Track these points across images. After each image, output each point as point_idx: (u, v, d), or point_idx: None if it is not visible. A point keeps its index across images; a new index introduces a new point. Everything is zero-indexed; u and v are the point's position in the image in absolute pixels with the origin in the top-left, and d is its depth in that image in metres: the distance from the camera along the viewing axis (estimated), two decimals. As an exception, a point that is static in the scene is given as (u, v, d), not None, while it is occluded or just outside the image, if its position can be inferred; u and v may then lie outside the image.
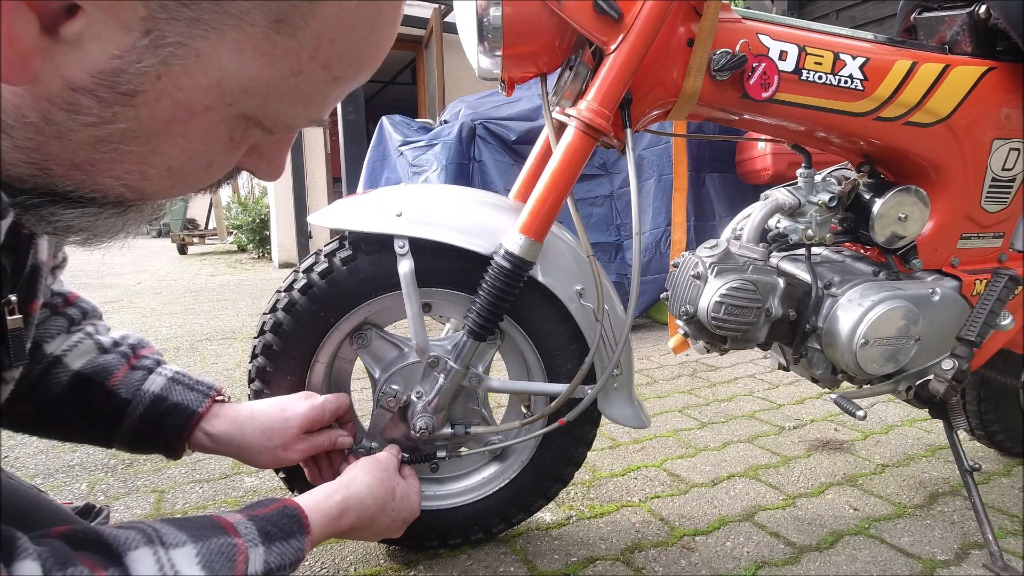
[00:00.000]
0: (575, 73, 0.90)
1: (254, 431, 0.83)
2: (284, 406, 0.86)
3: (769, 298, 0.99)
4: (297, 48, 0.36)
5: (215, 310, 3.63)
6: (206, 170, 0.42)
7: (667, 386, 2.05)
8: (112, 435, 0.78)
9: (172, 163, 0.39)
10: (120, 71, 0.33)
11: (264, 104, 0.38)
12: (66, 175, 0.37)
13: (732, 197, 2.92)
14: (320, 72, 0.38)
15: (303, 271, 0.94)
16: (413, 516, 0.87)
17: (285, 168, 0.47)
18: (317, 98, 0.40)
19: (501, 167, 2.77)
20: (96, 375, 0.76)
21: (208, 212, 9.30)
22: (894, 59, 0.96)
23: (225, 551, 0.55)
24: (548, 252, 0.92)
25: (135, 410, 0.77)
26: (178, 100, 0.36)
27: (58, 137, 0.35)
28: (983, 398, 1.35)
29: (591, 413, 0.99)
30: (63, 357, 0.75)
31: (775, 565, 1.03)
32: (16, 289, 0.56)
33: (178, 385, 0.81)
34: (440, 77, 5.67)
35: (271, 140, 0.45)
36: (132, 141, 0.36)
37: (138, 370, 0.80)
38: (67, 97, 0.34)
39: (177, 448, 0.80)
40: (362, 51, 0.40)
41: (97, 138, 0.36)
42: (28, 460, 1.46)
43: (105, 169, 0.37)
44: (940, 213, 1.04)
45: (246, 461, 0.85)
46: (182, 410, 0.79)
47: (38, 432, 0.78)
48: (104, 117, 0.35)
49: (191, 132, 0.38)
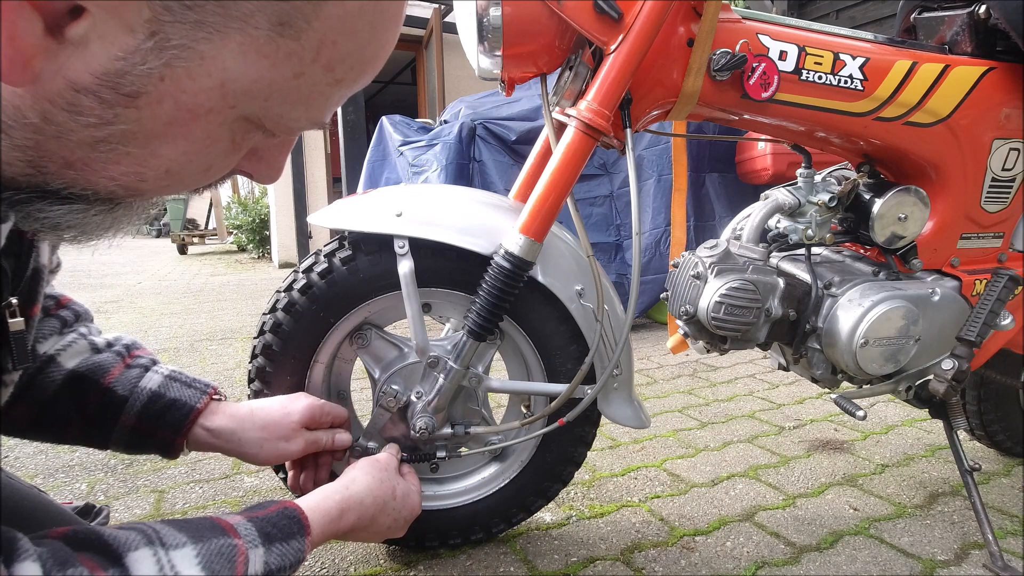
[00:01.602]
0: (575, 73, 0.90)
1: (254, 426, 0.83)
2: (284, 402, 0.87)
3: (769, 298, 0.99)
4: (300, 50, 0.36)
5: (215, 310, 3.63)
6: (205, 172, 0.42)
7: (667, 386, 2.05)
8: (109, 434, 0.78)
9: (171, 165, 0.39)
10: (124, 72, 0.33)
11: (266, 106, 0.38)
12: (58, 173, 0.37)
13: (732, 197, 2.92)
14: (322, 74, 0.38)
15: (303, 271, 0.94)
16: (414, 515, 0.87)
17: (283, 171, 0.48)
18: (319, 100, 0.40)
19: (501, 167, 2.77)
20: (91, 373, 0.76)
21: (208, 212, 9.30)
22: (894, 59, 0.96)
23: (225, 552, 0.55)
24: (548, 252, 0.92)
25: (132, 407, 0.77)
26: (181, 102, 0.36)
27: (57, 137, 0.35)
28: (983, 398, 1.35)
29: (591, 413, 1.00)
30: (57, 356, 0.75)
31: (775, 565, 1.03)
32: (17, 292, 0.56)
33: (175, 382, 0.81)
34: (440, 77, 5.67)
35: (271, 143, 0.45)
36: (131, 142, 0.36)
37: (134, 368, 0.79)
38: (69, 98, 0.34)
39: (176, 445, 0.80)
40: (364, 53, 0.40)
41: (96, 138, 0.36)
42: (28, 460, 1.46)
43: (100, 169, 0.37)
44: (940, 213, 1.04)
45: (246, 458, 0.84)
46: (180, 406, 0.79)
47: (34, 435, 0.77)
48: (105, 118, 0.35)
49: (192, 134, 0.38)
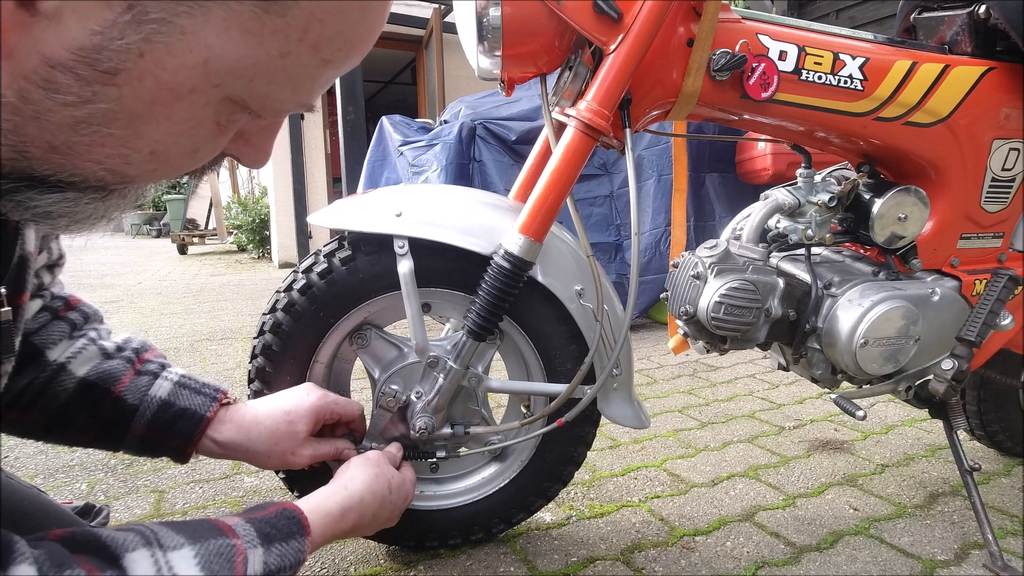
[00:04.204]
0: (575, 73, 0.90)
1: (260, 436, 0.82)
2: (288, 409, 0.85)
3: (769, 298, 0.99)
4: (286, 28, 0.35)
5: (215, 310, 3.62)
6: (192, 155, 0.40)
7: (667, 386, 2.05)
8: (120, 441, 0.78)
9: (156, 147, 0.38)
10: (101, 48, 0.32)
11: (251, 86, 0.37)
12: (44, 158, 0.36)
13: (732, 197, 2.92)
14: (309, 54, 0.37)
15: (302, 271, 0.94)
16: (408, 503, 0.89)
17: (271, 156, 0.46)
18: (306, 81, 0.39)
19: (501, 167, 2.77)
20: (102, 381, 0.76)
21: (208, 212, 9.29)
22: (894, 59, 0.96)
23: (224, 552, 0.55)
24: (548, 252, 0.92)
25: (142, 416, 0.77)
26: (162, 80, 0.34)
27: (35, 118, 0.34)
28: (983, 398, 1.35)
29: (591, 413, 1.00)
30: (67, 364, 0.75)
31: (775, 565, 1.03)
32: (3, 282, 0.55)
33: (184, 389, 0.80)
34: (440, 77, 5.67)
35: (259, 125, 0.44)
36: (113, 123, 0.35)
37: (144, 375, 0.79)
38: (44, 74, 0.32)
39: (187, 453, 0.80)
40: (353, 34, 0.39)
41: (76, 119, 0.34)
42: (28, 460, 1.46)
43: (85, 152, 0.36)
44: (940, 213, 1.04)
45: (253, 464, 0.85)
46: (190, 415, 0.79)
47: (48, 439, 0.77)
48: (84, 96, 0.33)
49: (175, 114, 0.36)
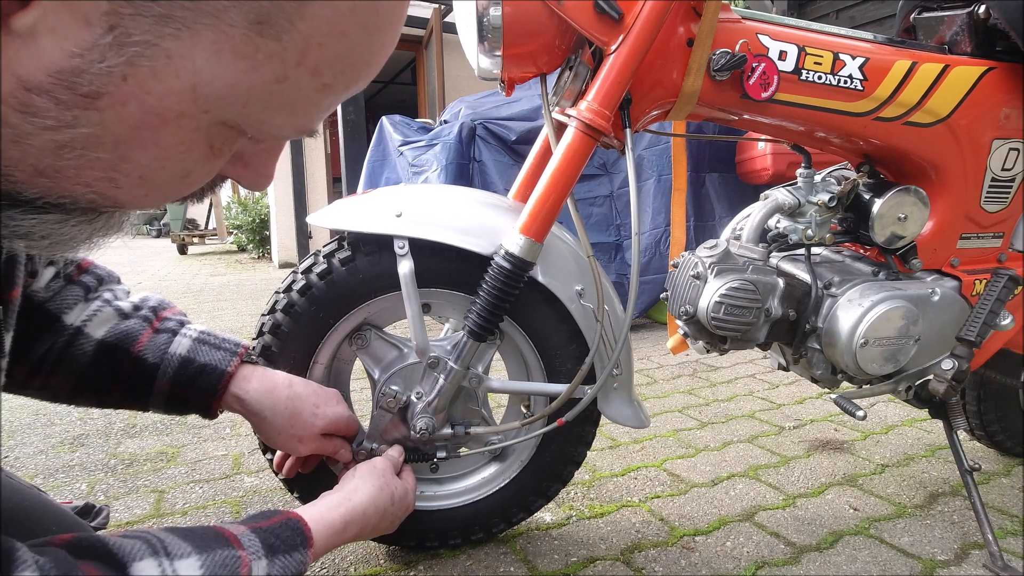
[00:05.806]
0: (575, 73, 0.90)
1: (285, 411, 0.82)
2: (318, 401, 0.85)
3: (769, 298, 0.99)
4: (282, 52, 0.33)
5: (215, 310, 3.62)
6: (183, 179, 0.38)
7: (667, 386, 2.05)
8: (146, 400, 0.78)
9: (144, 172, 0.35)
10: (80, 71, 0.30)
11: (245, 112, 0.35)
12: (31, 182, 0.34)
13: (732, 197, 2.92)
14: (308, 79, 0.35)
15: (302, 272, 0.94)
16: (408, 512, 0.89)
17: (273, 177, 0.44)
18: (305, 107, 0.37)
19: (501, 167, 2.77)
20: (120, 342, 0.75)
21: (208, 212, 9.30)
22: (894, 59, 0.96)
23: (229, 563, 0.55)
24: (548, 252, 0.92)
25: (164, 374, 0.77)
26: (147, 105, 0.32)
27: (15, 141, 0.32)
28: (983, 398, 1.35)
29: (591, 413, 1.00)
30: (84, 327, 0.74)
31: (775, 565, 1.03)
32: None
33: (204, 345, 0.80)
34: (440, 77, 5.67)
35: (258, 148, 0.41)
36: (98, 147, 0.33)
37: (162, 332, 0.79)
38: (21, 97, 0.30)
39: (212, 408, 0.80)
40: (356, 57, 0.36)
41: (58, 143, 0.32)
42: (28, 460, 1.46)
43: (73, 175, 0.34)
44: (940, 213, 1.04)
45: (261, 433, 0.84)
46: (211, 370, 0.78)
47: (77, 401, 0.77)
48: (64, 121, 0.31)
49: (163, 140, 0.34)
